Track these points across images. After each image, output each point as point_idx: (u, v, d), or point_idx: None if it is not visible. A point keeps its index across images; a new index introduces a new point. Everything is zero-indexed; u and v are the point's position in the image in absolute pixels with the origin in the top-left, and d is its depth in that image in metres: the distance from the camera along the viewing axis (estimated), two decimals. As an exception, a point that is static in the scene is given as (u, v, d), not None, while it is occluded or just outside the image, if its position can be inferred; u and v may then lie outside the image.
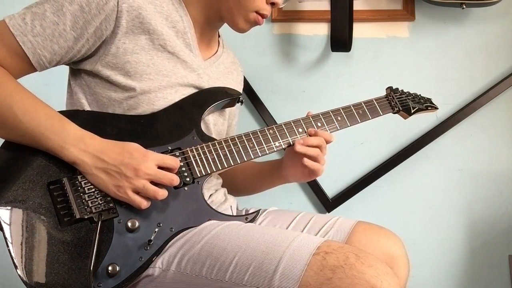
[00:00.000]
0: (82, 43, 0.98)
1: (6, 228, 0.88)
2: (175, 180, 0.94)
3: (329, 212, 1.72)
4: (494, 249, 1.67)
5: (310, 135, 1.12)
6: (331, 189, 1.74)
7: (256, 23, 1.11)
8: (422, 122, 1.67)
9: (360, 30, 1.69)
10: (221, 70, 1.20)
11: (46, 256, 0.88)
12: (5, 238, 0.87)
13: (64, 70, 1.09)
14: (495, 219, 1.67)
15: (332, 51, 1.65)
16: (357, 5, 1.67)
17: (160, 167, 0.94)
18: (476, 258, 1.68)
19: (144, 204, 0.93)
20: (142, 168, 0.91)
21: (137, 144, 0.95)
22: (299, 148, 1.08)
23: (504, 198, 1.66)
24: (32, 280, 0.86)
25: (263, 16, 1.11)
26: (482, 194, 1.67)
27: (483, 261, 1.68)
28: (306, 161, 1.09)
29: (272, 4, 1.11)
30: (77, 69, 1.05)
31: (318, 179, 1.71)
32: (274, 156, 1.63)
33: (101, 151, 0.92)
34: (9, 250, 0.86)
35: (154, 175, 0.92)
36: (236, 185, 1.31)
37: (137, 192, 0.93)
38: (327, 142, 1.11)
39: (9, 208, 0.89)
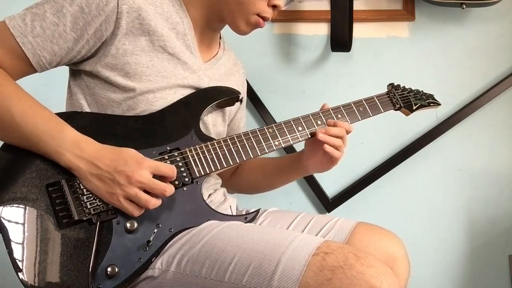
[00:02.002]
0: (82, 44, 0.98)
1: (5, 229, 0.88)
2: (168, 191, 0.92)
3: (329, 212, 1.72)
4: (494, 249, 1.67)
5: (329, 126, 1.12)
6: (331, 189, 1.74)
7: (257, 25, 1.10)
8: (422, 121, 1.66)
9: (360, 30, 1.69)
10: (222, 72, 1.19)
11: (45, 257, 0.88)
12: (4, 240, 0.87)
13: (64, 71, 1.09)
14: (495, 219, 1.67)
15: (332, 51, 1.65)
16: (357, 5, 1.67)
17: (156, 176, 0.93)
18: (476, 258, 1.68)
19: (136, 213, 0.92)
20: (136, 175, 0.90)
21: (134, 150, 0.93)
22: (321, 136, 1.10)
23: (504, 198, 1.66)
24: (32, 281, 0.86)
25: (264, 19, 1.10)
26: (482, 194, 1.67)
27: (483, 261, 1.68)
28: (327, 147, 1.10)
29: (274, 7, 1.10)
30: (77, 70, 1.04)
31: (318, 179, 1.72)
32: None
33: (96, 157, 0.91)
34: (8, 251, 0.86)
35: (147, 183, 0.91)
36: (253, 183, 1.32)
37: (131, 200, 0.92)
38: (347, 132, 1.13)
39: (8, 210, 0.89)
